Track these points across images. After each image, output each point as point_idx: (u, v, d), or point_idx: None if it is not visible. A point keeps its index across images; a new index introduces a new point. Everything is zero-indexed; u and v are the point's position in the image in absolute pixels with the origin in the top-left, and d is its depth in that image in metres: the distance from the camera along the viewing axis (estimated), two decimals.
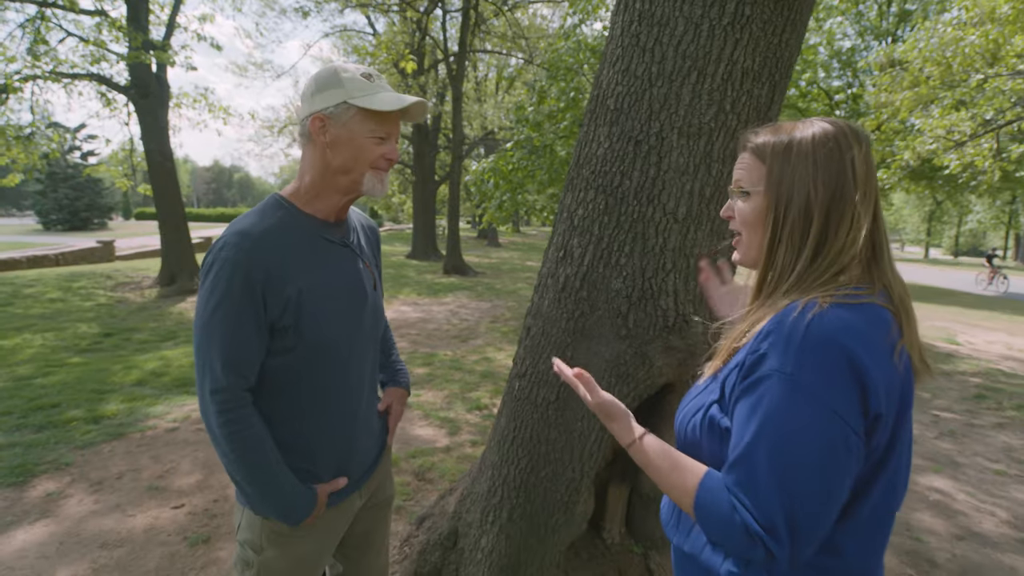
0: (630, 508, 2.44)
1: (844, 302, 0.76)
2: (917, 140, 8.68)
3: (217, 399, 1.08)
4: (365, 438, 1.35)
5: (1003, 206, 39.71)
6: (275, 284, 1.09)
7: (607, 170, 1.75)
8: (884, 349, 0.75)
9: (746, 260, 0.91)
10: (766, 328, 0.78)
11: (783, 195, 0.82)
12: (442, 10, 15.15)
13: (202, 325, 1.09)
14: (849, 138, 0.81)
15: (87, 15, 9.65)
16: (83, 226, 33.43)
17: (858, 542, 0.80)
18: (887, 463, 0.78)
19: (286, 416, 1.19)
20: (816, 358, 0.72)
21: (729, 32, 1.57)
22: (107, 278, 10.24)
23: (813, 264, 0.81)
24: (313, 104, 1.14)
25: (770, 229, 0.84)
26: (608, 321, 1.80)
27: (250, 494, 1.16)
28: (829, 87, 16.19)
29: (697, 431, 0.90)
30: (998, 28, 6.62)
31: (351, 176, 1.17)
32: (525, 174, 7.48)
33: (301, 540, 1.23)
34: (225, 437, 1.08)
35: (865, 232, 0.81)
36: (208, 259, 1.10)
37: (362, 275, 1.28)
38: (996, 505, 3.12)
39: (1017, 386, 5.49)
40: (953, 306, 12.13)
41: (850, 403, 0.72)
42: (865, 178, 0.81)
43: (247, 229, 1.11)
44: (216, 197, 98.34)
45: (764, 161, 0.85)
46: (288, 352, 1.15)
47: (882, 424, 0.75)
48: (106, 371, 4.91)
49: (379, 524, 1.52)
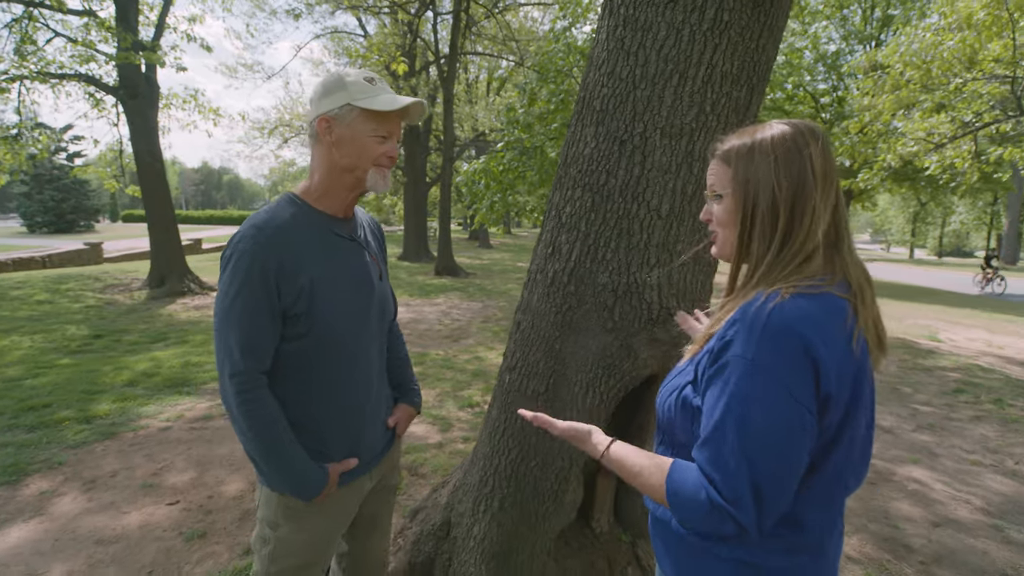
0: (618, 498, 2.51)
1: (804, 292, 0.83)
2: (899, 142, 8.87)
3: (236, 381, 1.16)
4: (375, 422, 1.43)
5: (985, 207, 40.41)
6: (288, 274, 1.17)
7: (593, 169, 1.82)
8: (839, 335, 0.82)
9: (723, 255, 0.99)
10: (733, 316, 0.85)
11: (750, 193, 0.89)
12: (433, 12, 15.21)
13: (222, 313, 1.17)
14: (806, 136, 0.88)
15: (75, 15, 9.61)
16: (69, 228, 33.04)
17: (815, 514, 0.87)
18: (840, 440, 0.85)
19: (298, 399, 1.26)
20: (775, 344, 0.79)
21: (709, 37, 1.64)
22: (95, 280, 10.16)
23: (780, 254, 0.88)
24: (320, 107, 1.23)
25: (740, 225, 0.91)
26: (595, 314, 1.86)
27: (265, 471, 1.23)
28: (815, 90, 16.44)
29: (672, 410, 0.97)
30: (974, 33, 6.80)
31: (355, 174, 1.26)
32: (516, 175, 7.56)
33: (315, 517, 1.31)
34: (243, 416, 1.17)
35: (828, 221, 0.88)
36: (227, 252, 1.18)
37: (369, 267, 1.37)
38: (971, 493, 3.22)
39: (994, 380, 5.64)
40: (936, 304, 12.35)
41: (804, 385, 0.79)
42: (823, 172, 0.87)
43: (262, 223, 1.19)
44: (205, 199, 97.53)
45: (730, 165, 0.93)
46: (300, 338, 1.23)
47: (833, 404, 0.82)
48: (97, 372, 4.91)
49: (384, 507, 1.61)
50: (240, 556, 2.38)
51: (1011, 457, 3.76)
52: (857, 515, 2.95)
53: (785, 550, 0.88)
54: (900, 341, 7.61)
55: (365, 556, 1.60)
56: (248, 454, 1.22)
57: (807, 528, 0.87)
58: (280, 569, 1.32)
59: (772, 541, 0.87)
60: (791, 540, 0.88)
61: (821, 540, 0.90)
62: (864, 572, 2.45)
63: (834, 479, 0.87)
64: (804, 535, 0.88)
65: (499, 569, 2.02)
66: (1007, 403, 4.89)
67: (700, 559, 0.94)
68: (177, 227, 10.10)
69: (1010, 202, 33.77)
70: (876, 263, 33.74)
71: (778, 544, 0.88)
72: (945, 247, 50.92)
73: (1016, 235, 35.72)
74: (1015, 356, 6.89)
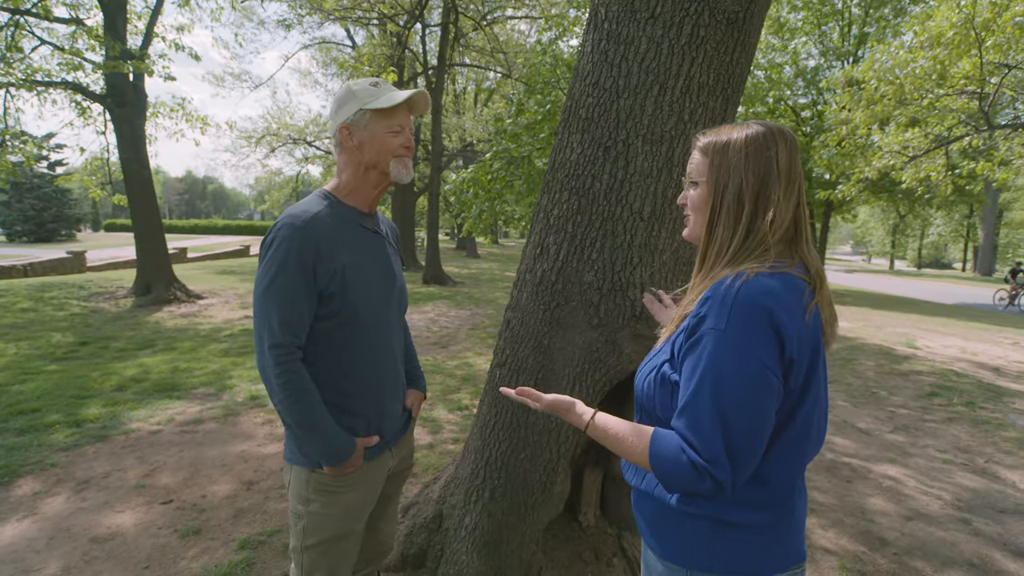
0: (604, 493, 2.59)
1: (767, 271, 0.94)
2: (876, 156, 9.16)
3: (275, 353, 1.26)
4: (396, 399, 1.55)
5: (962, 220, 41.46)
6: (325, 258, 1.30)
7: (579, 173, 1.92)
8: (797, 308, 0.93)
9: (692, 236, 1.09)
10: (705, 295, 0.95)
11: (721, 183, 1.00)
12: (421, 24, 15.39)
13: (262, 291, 1.29)
14: (776, 137, 0.99)
15: (62, 23, 9.60)
16: (49, 237, 32.52)
17: (779, 471, 0.97)
18: (803, 403, 0.95)
19: (330, 375, 1.37)
20: (743, 316, 0.89)
21: (687, 51, 1.77)
22: (80, 288, 10.07)
23: (746, 242, 0.98)
24: (338, 118, 1.38)
25: (709, 211, 1.02)
26: (581, 311, 1.96)
27: (299, 437, 1.33)
28: (796, 104, 16.86)
29: (652, 387, 1.06)
30: (945, 51, 7.09)
31: (379, 168, 1.41)
32: (504, 184, 7.67)
33: (344, 491, 1.41)
34: (281, 386, 1.27)
35: (790, 216, 0.99)
36: (268, 238, 1.30)
37: (391, 258, 1.52)
38: (942, 490, 3.36)
39: (967, 384, 5.83)
40: (914, 314, 12.67)
41: (770, 351, 0.89)
42: (788, 170, 0.99)
43: (300, 214, 1.32)
44: (189, 208, 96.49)
45: (707, 156, 1.03)
46: (332, 318, 1.34)
47: (796, 368, 0.92)
48: (85, 378, 4.89)
49: (397, 491, 1.73)
50: (235, 551, 2.42)
51: (981, 456, 3.91)
52: (834, 510, 3.06)
53: (757, 505, 0.97)
54: (879, 348, 7.81)
55: (374, 538, 1.69)
56: (283, 421, 1.33)
57: (774, 485, 0.97)
58: (315, 542, 1.41)
59: (744, 498, 0.96)
60: (762, 496, 0.97)
61: (790, 497, 1.00)
62: (840, 563, 2.56)
63: (800, 439, 0.97)
64: (772, 491, 0.97)
65: (489, 558, 2.09)
66: (978, 406, 5.07)
67: (677, 524, 1.02)
68: (164, 235, 10.07)
69: (985, 215, 34.74)
70: (858, 274, 34.40)
71: (750, 501, 0.97)
72: (924, 258, 52.03)
73: (991, 247, 36.70)
74: (987, 362, 7.12)
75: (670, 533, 1.03)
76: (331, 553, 1.42)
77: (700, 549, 0.99)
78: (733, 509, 0.97)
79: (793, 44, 17.28)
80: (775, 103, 15.54)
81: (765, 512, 0.97)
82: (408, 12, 13.84)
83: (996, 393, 5.54)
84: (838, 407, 5.01)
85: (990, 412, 4.90)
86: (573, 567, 2.33)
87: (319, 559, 1.41)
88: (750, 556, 0.97)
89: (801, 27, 17.06)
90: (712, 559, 0.98)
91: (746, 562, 0.97)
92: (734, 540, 0.97)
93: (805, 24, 16.95)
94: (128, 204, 9.87)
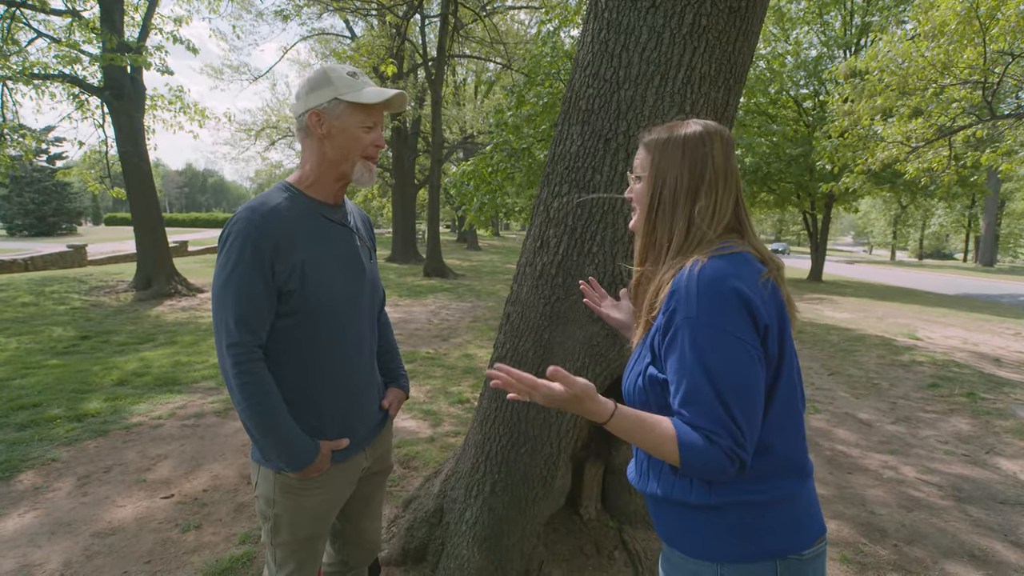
0: (605, 486, 2.59)
1: (719, 254, 0.97)
2: (880, 146, 9.11)
3: (232, 352, 1.22)
4: (368, 399, 1.49)
5: (963, 210, 41.31)
6: (283, 253, 1.25)
7: (580, 166, 1.90)
8: (754, 278, 0.96)
9: (634, 228, 1.12)
10: (670, 290, 0.97)
11: (660, 178, 1.04)
12: (421, 15, 15.28)
13: (219, 288, 1.24)
14: (712, 136, 1.03)
15: (58, 16, 9.53)
16: (50, 231, 32.50)
17: (779, 436, 0.99)
18: (783, 368, 0.98)
19: (294, 375, 1.32)
20: (710, 298, 0.92)
21: (688, 40, 1.74)
22: (80, 282, 10.07)
23: (688, 236, 1.02)
24: (308, 102, 1.31)
25: (647, 204, 1.06)
26: (582, 305, 1.95)
27: (260, 441, 1.28)
28: (798, 95, 16.73)
29: (643, 392, 1.05)
30: (948, 41, 7.02)
31: (343, 167, 1.35)
32: (504, 176, 7.64)
33: (311, 493, 1.37)
34: (239, 387, 1.23)
35: (730, 212, 1.03)
36: (224, 232, 1.26)
37: (359, 250, 1.45)
38: (943, 480, 3.36)
39: (968, 375, 5.82)
40: (916, 304, 12.65)
41: (744, 325, 0.92)
42: (724, 168, 1.02)
43: (257, 207, 1.27)
44: (189, 202, 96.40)
45: (650, 152, 1.07)
46: (293, 315, 1.29)
47: (771, 333, 0.95)
48: (86, 372, 4.90)
49: (378, 490, 1.67)
50: (237, 545, 2.42)
51: (981, 447, 3.91)
52: (834, 501, 3.06)
53: (771, 475, 0.98)
54: (880, 339, 7.80)
55: (359, 537, 1.66)
56: (244, 424, 1.28)
57: (779, 450, 0.98)
58: (282, 542, 1.38)
59: (757, 472, 0.96)
60: (772, 465, 0.98)
61: (799, 458, 1.01)
62: (840, 554, 2.56)
63: (789, 402, 0.99)
64: (780, 457, 0.98)
65: (490, 552, 2.09)
66: (979, 396, 5.06)
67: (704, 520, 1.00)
68: (164, 228, 10.05)
69: (987, 205, 34.59)
70: (859, 265, 34.33)
71: (763, 473, 0.97)
72: (925, 249, 51.92)
73: (993, 237, 36.56)
74: (988, 352, 7.10)
75: (698, 530, 1.02)
76: (300, 551, 1.40)
77: (723, 539, 0.99)
78: (752, 487, 0.97)
79: (795, 34, 17.11)
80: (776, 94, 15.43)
81: (781, 480, 0.99)
82: (407, 2, 13.73)
83: (997, 384, 5.53)
84: (839, 398, 5.01)
85: (991, 403, 4.90)
86: (574, 560, 2.34)
87: (290, 555, 1.40)
88: (778, 535, 0.98)
89: (803, 17, 16.90)
90: (743, 546, 0.98)
91: (776, 542, 0.98)
92: (760, 521, 0.98)
93: (807, 14, 16.79)
94: (128, 198, 9.84)
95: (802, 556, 0.98)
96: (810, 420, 4.41)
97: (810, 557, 0.99)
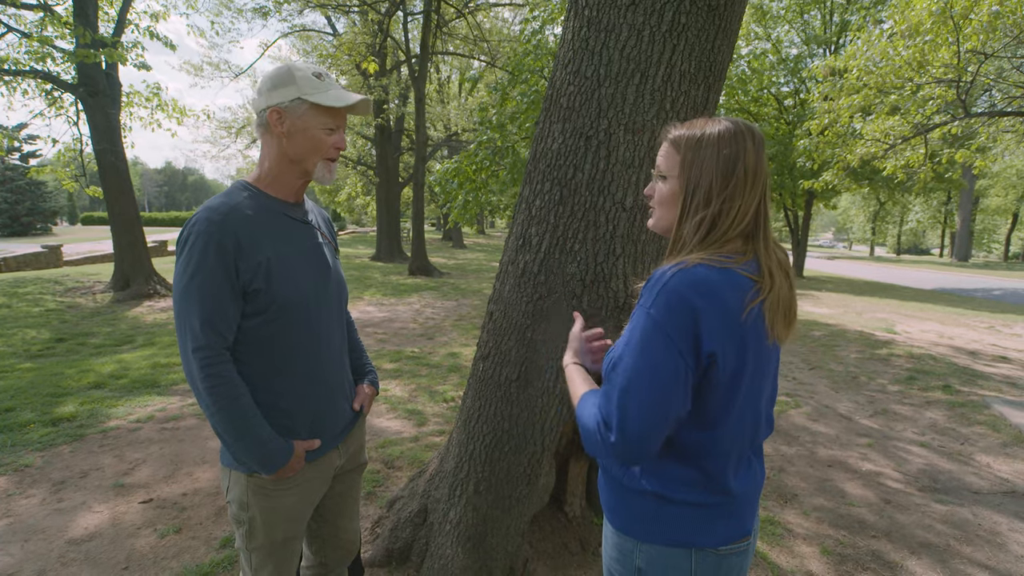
0: (590, 483, 2.60)
1: (708, 263, 0.95)
2: (858, 143, 9.25)
3: (198, 356, 1.19)
4: (339, 396, 1.47)
5: (939, 206, 42.19)
6: (246, 252, 1.22)
7: (561, 164, 1.90)
8: (731, 304, 0.93)
9: (658, 228, 1.10)
10: (648, 279, 0.99)
11: (693, 180, 1.00)
12: (403, 12, 15.15)
13: (181, 291, 1.21)
14: (745, 135, 1.00)
15: (29, 10, 9.28)
16: (24, 232, 31.76)
17: (713, 463, 1.01)
18: (737, 392, 0.97)
19: (263, 375, 1.30)
20: (666, 300, 0.92)
21: (668, 38, 1.74)
22: (56, 283, 9.84)
23: (707, 237, 0.99)
24: (270, 99, 1.28)
25: (680, 207, 1.02)
26: (564, 303, 1.94)
27: (232, 445, 1.26)
28: (779, 92, 16.92)
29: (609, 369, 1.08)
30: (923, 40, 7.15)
31: (303, 166, 1.33)
32: (488, 173, 7.62)
33: (284, 494, 1.34)
34: (207, 391, 1.19)
35: (751, 214, 1.00)
36: (183, 234, 1.22)
37: (323, 247, 1.43)
38: (920, 472, 3.42)
39: (944, 369, 5.95)
40: (893, 299, 12.89)
41: (684, 336, 0.91)
42: (754, 169, 0.99)
43: (217, 206, 1.24)
44: (169, 200, 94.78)
45: (679, 151, 1.03)
46: (260, 314, 1.27)
47: (720, 360, 0.93)
48: (61, 375, 4.79)
49: (353, 488, 1.64)
50: (216, 550, 2.38)
51: (957, 439, 3.99)
52: (814, 495, 3.11)
53: (694, 487, 1.01)
54: (859, 334, 7.94)
55: (336, 536, 1.64)
56: (214, 429, 1.25)
57: (710, 473, 1.01)
58: (258, 545, 1.36)
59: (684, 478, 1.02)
60: (698, 479, 1.01)
61: (725, 483, 1.02)
62: (820, 546, 2.60)
63: (735, 436, 1.00)
64: (709, 477, 1.01)
65: (474, 551, 2.09)
66: (955, 389, 5.17)
67: (628, 499, 1.06)
68: (142, 228, 9.85)
69: (962, 201, 35.34)
70: (839, 261, 34.89)
71: (688, 482, 1.02)
72: (903, 245, 52.93)
73: (968, 233, 37.38)
74: (964, 346, 7.26)
75: (623, 507, 1.08)
76: (276, 553, 1.38)
77: (646, 522, 1.04)
78: (674, 487, 1.02)
79: (776, 32, 17.31)
80: (757, 91, 15.59)
81: (702, 494, 1.02)
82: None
83: (972, 376, 5.66)
84: (820, 392, 5.09)
85: (966, 395, 5.01)
86: (559, 558, 2.34)
87: (266, 558, 1.38)
88: (690, 528, 1.02)
89: (784, 15, 17.10)
90: (656, 531, 1.03)
91: (686, 533, 1.02)
92: (676, 515, 1.02)
93: (787, 12, 16.99)
94: (104, 196, 9.63)
95: (718, 551, 1.02)
96: (791, 415, 4.47)
97: (727, 553, 1.03)
